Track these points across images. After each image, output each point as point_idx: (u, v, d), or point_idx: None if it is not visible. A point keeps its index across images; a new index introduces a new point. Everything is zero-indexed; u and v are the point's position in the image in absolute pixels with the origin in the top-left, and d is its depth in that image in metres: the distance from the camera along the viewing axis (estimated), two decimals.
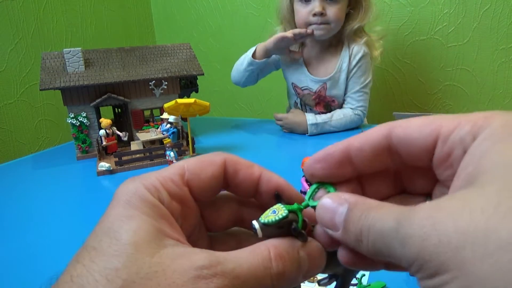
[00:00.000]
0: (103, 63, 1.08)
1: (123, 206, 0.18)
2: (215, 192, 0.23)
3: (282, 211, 0.20)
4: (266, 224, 0.20)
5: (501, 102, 1.40)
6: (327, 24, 1.10)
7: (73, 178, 0.94)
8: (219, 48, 1.92)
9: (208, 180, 0.22)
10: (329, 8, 1.09)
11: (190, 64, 1.15)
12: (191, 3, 1.91)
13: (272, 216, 0.20)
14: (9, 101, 1.45)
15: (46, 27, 1.53)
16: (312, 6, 1.09)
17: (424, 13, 1.42)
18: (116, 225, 0.18)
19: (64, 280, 0.16)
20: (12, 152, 1.46)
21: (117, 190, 0.20)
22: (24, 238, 0.64)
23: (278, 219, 0.20)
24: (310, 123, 1.13)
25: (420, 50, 1.47)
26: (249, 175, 0.23)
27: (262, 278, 0.18)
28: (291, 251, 0.20)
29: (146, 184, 0.20)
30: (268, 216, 0.20)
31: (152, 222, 0.18)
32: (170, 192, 0.20)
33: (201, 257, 0.17)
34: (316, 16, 1.08)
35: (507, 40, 1.33)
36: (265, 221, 0.20)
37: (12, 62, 1.44)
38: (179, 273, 0.16)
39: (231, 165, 0.22)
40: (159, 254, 0.17)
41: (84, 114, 1.03)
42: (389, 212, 0.17)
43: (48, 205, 0.77)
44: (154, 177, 0.20)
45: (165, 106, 0.96)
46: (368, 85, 1.19)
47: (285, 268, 0.19)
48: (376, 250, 0.17)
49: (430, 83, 1.50)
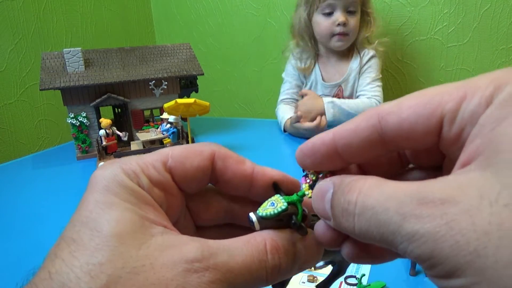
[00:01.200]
0: (103, 63, 1.08)
1: (101, 193, 0.17)
2: (201, 184, 0.21)
3: (281, 204, 0.19)
4: (265, 217, 0.19)
5: None
6: (347, 35, 1.21)
7: (73, 178, 0.94)
8: (219, 48, 1.91)
9: (193, 170, 0.20)
10: (349, 19, 1.19)
11: (190, 64, 1.15)
12: (191, 3, 1.91)
13: (271, 209, 0.19)
14: (9, 101, 1.45)
15: (46, 27, 1.53)
16: (335, 17, 1.19)
17: (424, 13, 1.42)
18: (95, 214, 0.16)
19: (42, 277, 0.15)
20: (12, 152, 1.46)
21: (93, 174, 0.18)
22: (24, 238, 0.64)
23: (277, 212, 0.19)
24: (327, 101, 1.16)
25: (420, 50, 1.47)
26: (240, 171, 0.21)
27: (257, 271, 0.17)
28: (288, 244, 0.19)
29: (125, 168, 0.18)
30: (266, 209, 0.19)
31: (135, 209, 0.17)
32: (150, 178, 0.19)
33: (192, 248, 0.16)
34: (340, 26, 1.18)
35: (507, 40, 1.33)
36: (264, 214, 0.19)
37: (12, 62, 1.44)
38: (168, 266, 0.15)
39: (220, 159, 0.21)
40: (146, 246, 0.16)
41: (84, 114, 1.03)
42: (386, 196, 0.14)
43: (48, 205, 0.77)
44: (135, 162, 0.19)
45: (165, 106, 0.96)
46: (379, 80, 1.25)
47: (280, 261, 0.18)
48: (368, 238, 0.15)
49: (430, 83, 1.49)
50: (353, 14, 1.20)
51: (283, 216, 0.19)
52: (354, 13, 1.20)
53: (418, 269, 0.48)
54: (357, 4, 1.20)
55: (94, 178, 0.18)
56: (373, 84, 1.23)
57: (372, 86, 1.23)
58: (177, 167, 0.20)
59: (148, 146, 1.03)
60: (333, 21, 1.19)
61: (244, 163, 0.21)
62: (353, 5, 1.19)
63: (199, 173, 0.20)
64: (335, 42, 1.22)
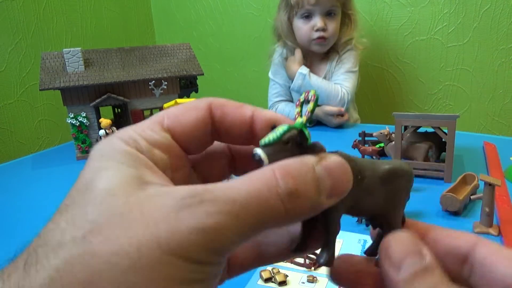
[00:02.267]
0: (103, 63, 1.08)
1: (97, 160, 0.16)
2: (203, 141, 0.20)
3: (282, 127, 0.17)
4: (268, 143, 0.17)
5: (501, 102, 1.40)
6: (326, 40, 1.21)
7: (73, 178, 0.92)
8: (219, 48, 1.92)
9: (191, 125, 0.19)
10: (328, 23, 1.19)
11: (190, 64, 1.15)
12: (191, 3, 1.91)
13: (273, 134, 0.17)
14: (9, 101, 1.45)
15: (46, 27, 1.53)
16: (313, 22, 1.19)
17: (424, 13, 1.42)
18: (89, 178, 0.16)
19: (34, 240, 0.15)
20: (12, 152, 1.46)
21: (92, 149, 0.18)
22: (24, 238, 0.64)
23: (280, 134, 0.17)
24: (300, 71, 1.20)
25: (420, 50, 1.47)
26: (239, 115, 0.20)
27: (268, 201, 0.15)
28: (303, 167, 0.16)
29: (121, 136, 0.18)
30: (267, 136, 0.17)
31: (130, 169, 0.16)
32: (148, 140, 0.18)
33: (184, 188, 0.15)
34: (319, 31, 1.18)
35: (507, 40, 1.33)
36: (266, 140, 0.17)
37: (12, 62, 1.44)
38: (157, 208, 0.14)
39: (218, 107, 0.20)
40: (137, 195, 0.15)
41: (84, 114, 1.03)
42: None
43: (48, 205, 0.77)
44: (131, 129, 0.18)
45: (165, 106, 0.96)
46: (354, 73, 1.25)
47: (297, 186, 0.15)
48: None
49: (430, 83, 1.49)
50: (333, 17, 1.20)
51: (289, 138, 0.17)
52: (334, 16, 1.20)
53: None
54: (336, 7, 1.20)
55: (92, 151, 0.17)
56: (346, 75, 1.24)
57: (345, 77, 1.23)
58: (175, 124, 0.19)
59: None
60: (312, 26, 1.19)
61: (243, 106, 0.20)
62: (332, 8, 1.19)
63: (198, 127, 0.19)
64: (315, 46, 1.23)
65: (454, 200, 0.60)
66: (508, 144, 0.92)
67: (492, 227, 0.55)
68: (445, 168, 0.73)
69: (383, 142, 0.82)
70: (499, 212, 0.60)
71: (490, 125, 1.45)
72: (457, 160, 0.82)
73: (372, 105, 1.61)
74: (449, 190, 0.62)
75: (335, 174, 0.16)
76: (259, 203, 0.14)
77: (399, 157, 0.76)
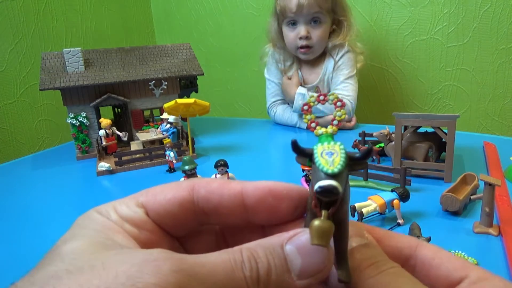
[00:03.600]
0: (103, 63, 1.08)
1: (73, 228, 0.18)
2: (183, 221, 0.19)
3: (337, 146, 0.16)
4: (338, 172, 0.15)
5: (501, 102, 1.40)
6: (310, 48, 1.21)
7: (73, 178, 0.94)
8: (219, 48, 1.91)
9: (168, 203, 0.19)
10: (313, 31, 1.19)
11: (190, 64, 1.15)
12: (191, 3, 1.91)
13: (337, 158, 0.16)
14: (9, 101, 1.45)
15: (46, 27, 1.53)
16: (298, 30, 1.19)
17: (424, 13, 1.42)
18: (60, 243, 0.16)
19: None
20: (12, 152, 1.46)
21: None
22: (24, 238, 0.64)
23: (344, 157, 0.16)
24: (299, 91, 1.20)
25: (420, 50, 1.47)
26: (227, 192, 0.19)
27: (232, 281, 0.15)
28: (272, 248, 0.16)
29: (98, 208, 0.19)
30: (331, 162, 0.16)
31: (99, 234, 0.17)
32: (120, 213, 0.18)
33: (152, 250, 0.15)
34: (302, 39, 1.19)
35: (507, 40, 1.33)
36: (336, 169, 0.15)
37: (12, 62, 1.44)
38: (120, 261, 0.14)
39: (202, 187, 0.19)
40: (100, 253, 0.15)
41: (84, 114, 1.03)
42: None
43: (48, 205, 0.77)
44: (110, 203, 0.19)
45: (165, 106, 0.96)
46: (353, 77, 1.24)
47: (263, 269, 0.15)
48: None
49: (430, 83, 1.49)
50: (319, 24, 1.19)
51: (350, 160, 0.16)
52: (320, 24, 1.19)
53: None
54: (323, 15, 1.18)
55: (74, 222, 0.19)
56: (346, 83, 1.22)
57: (345, 85, 1.22)
58: (150, 201, 0.19)
59: (148, 146, 1.03)
60: (297, 34, 1.19)
61: (230, 183, 0.19)
62: (316, 16, 1.17)
63: (176, 205, 0.19)
64: (301, 55, 1.24)
65: (454, 200, 0.59)
66: (508, 144, 0.92)
67: (492, 227, 0.55)
68: (445, 168, 0.73)
69: (383, 142, 0.82)
70: (499, 212, 0.60)
71: (490, 125, 1.45)
72: (457, 160, 0.82)
73: (372, 105, 1.61)
74: (449, 190, 0.62)
75: (306, 254, 0.16)
76: (224, 274, 0.15)
77: (399, 157, 0.76)
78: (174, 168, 0.90)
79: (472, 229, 0.56)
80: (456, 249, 0.51)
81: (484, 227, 0.55)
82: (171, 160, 0.89)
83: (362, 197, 0.62)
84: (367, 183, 0.74)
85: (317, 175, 0.16)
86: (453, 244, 0.52)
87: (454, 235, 0.56)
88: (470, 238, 0.55)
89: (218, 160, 0.69)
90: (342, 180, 0.16)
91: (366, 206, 0.60)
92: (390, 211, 0.60)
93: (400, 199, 0.60)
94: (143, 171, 0.93)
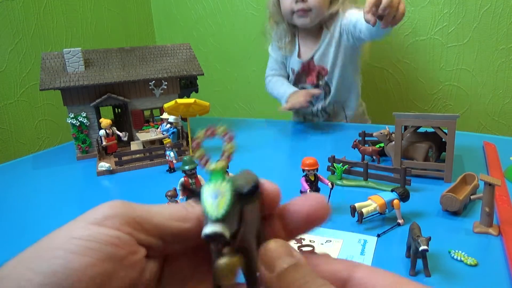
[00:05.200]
0: (103, 63, 1.08)
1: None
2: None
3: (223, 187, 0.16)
4: (222, 217, 0.16)
5: (501, 102, 1.40)
6: (308, 12, 1.14)
7: (73, 178, 0.94)
8: (219, 48, 1.91)
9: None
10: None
11: (190, 64, 1.15)
12: (191, 3, 1.91)
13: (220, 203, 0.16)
14: (9, 101, 1.45)
15: (46, 27, 1.53)
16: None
17: (424, 13, 1.42)
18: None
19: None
20: (12, 152, 1.46)
21: None
22: (24, 238, 0.64)
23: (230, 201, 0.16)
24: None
25: (420, 50, 1.47)
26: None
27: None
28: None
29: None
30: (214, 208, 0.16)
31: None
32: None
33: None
34: (298, 2, 1.13)
35: (507, 40, 1.33)
36: (219, 215, 0.16)
37: (12, 62, 1.44)
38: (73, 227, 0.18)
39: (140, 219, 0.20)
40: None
41: (84, 114, 1.03)
42: None
43: (48, 205, 0.77)
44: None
45: (165, 106, 0.96)
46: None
47: None
48: None
49: (430, 83, 1.49)
50: None
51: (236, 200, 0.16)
52: None
53: (418, 269, 0.48)
54: None
55: None
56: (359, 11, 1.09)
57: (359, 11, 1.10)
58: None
59: (148, 146, 1.03)
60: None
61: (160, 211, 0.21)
62: None
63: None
64: (297, 19, 1.17)
65: (454, 200, 0.60)
66: (508, 144, 0.92)
67: (492, 227, 0.55)
68: (445, 168, 0.73)
69: (383, 142, 0.82)
70: (499, 212, 0.60)
71: (490, 125, 1.45)
72: (457, 160, 0.82)
73: (372, 105, 1.61)
74: (449, 190, 0.62)
75: None
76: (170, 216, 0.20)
77: (399, 157, 0.76)
78: (174, 168, 0.90)
79: (472, 229, 0.56)
80: (456, 249, 0.51)
81: (484, 227, 0.55)
82: (171, 160, 0.89)
83: (362, 197, 0.62)
84: (367, 183, 0.74)
85: (205, 219, 0.16)
86: (453, 244, 0.53)
87: (454, 235, 0.56)
88: (470, 238, 0.55)
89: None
90: (231, 219, 0.16)
91: (366, 206, 0.60)
92: (390, 211, 0.61)
93: (400, 199, 0.60)
94: (143, 171, 0.93)
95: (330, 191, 0.64)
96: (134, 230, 0.19)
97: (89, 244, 0.17)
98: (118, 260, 0.18)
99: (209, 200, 0.16)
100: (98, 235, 0.18)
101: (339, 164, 0.76)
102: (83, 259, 0.17)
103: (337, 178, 0.77)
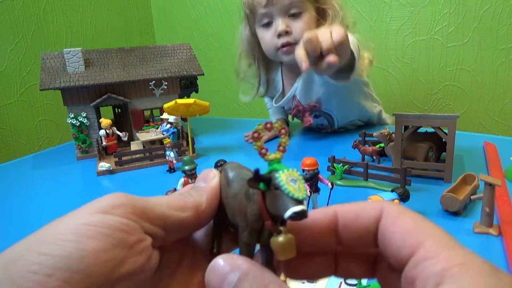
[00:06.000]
0: (103, 63, 1.08)
1: None
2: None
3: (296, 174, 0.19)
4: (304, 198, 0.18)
5: (501, 102, 1.40)
6: (293, 45, 0.95)
7: (73, 178, 0.94)
8: (219, 48, 1.92)
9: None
10: (293, 24, 0.96)
11: (190, 64, 1.15)
12: (191, 3, 1.91)
13: (299, 185, 0.18)
14: (9, 101, 1.45)
15: (46, 27, 1.53)
16: (274, 26, 0.97)
17: (424, 13, 1.42)
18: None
19: None
20: (12, 152, 1.46)
21: None
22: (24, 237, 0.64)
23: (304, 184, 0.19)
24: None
25: (420, 50, 1.47)
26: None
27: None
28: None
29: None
30: (297, 188, 0.18)
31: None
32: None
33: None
34: (282, 36, 0.96)
35: (507, 40, 1.33)
36: (304, 195, 0.18)
37: (12, 62, 1.44)
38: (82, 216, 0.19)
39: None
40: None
41: (84, 114, 1.03)
42: None
43: (48, 205, 0.77)
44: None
45: (165, 106, 0.96)
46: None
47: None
48: None
49: (430, 83, 1.50)
50: (298, 16, 0.96)
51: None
52: (300, 15, 0.96)
53: None
54: (302, 4, 0.96)
55: None
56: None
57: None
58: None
59: (148, 146, 1.03)
60: (274, 32, 0.98)
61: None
62: (294, 6, 0.95)
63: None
64: (283, 56, 1.00)
65: (454, 200, 0.60)
66: (508, 144, 0.92)
67: (492, 227, 0.55)
68: (445, 168, 0.73)
69: (383, 142, 0.82)
70: (499, 212, 0.60)
71: (490, 125, 1.45)
72: (457, 160, 0.82)
73: None
74: (449, 190, 0.62)
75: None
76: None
77: (399, 157, 0.76)
78: (174, 168, 0.90)
79: (472, 229, 0.56)
80: None
81: (484, 227, 0.55)
82: (171, 160, 0.89)
83: (362, 197, 0.62)
84: (367, 183, 0.74)
85: (283, 200, 0.18)
86: None
87: (454, 235, 0.55)
88: (470, 238, 0.55)
89: (218, 160, 0.69)
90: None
91: None
92: None
93: (400, 199, 0.60)
94: (143, 171, 0.93)
95: (330, 191, 0.64)
96: (140, 218, 0.19)
97: (100, 230, 0.17)
98: (129, 246, 0.18)
99: (291, 184, 0.18)
100: (109, 221, 0.18)
101: (339, 164, 0.76)
102: (97, 243, 0.17)
103: (337, 178, 0.77)
